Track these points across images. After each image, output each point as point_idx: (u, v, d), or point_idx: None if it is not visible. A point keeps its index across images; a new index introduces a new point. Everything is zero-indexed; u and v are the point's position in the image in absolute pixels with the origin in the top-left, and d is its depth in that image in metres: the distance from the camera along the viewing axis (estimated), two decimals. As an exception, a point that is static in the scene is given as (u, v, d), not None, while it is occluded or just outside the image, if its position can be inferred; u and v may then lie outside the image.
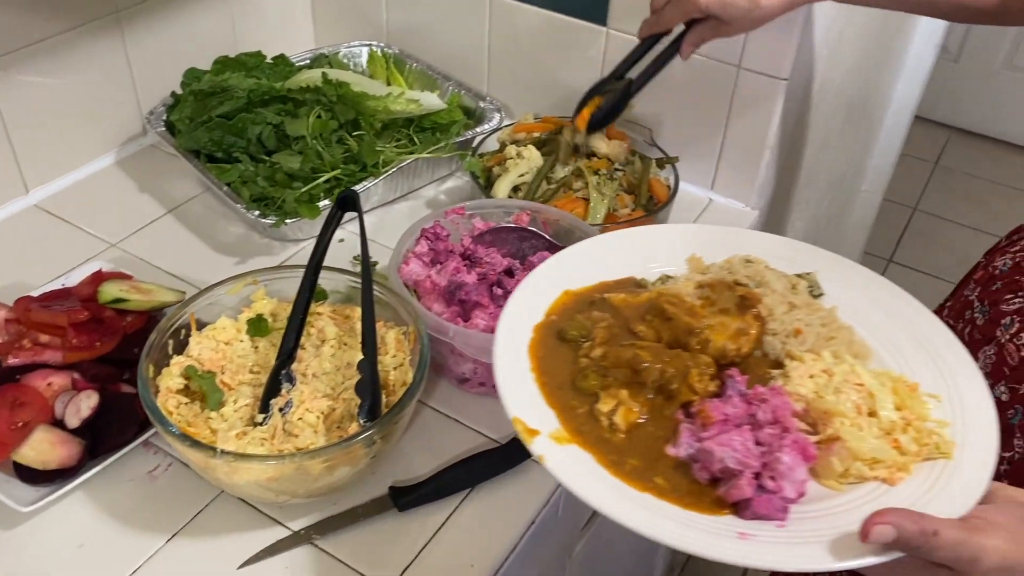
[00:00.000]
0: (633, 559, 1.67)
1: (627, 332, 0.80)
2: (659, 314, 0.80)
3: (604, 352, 0.76)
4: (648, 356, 0.75)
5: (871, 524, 0.58)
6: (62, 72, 1.23)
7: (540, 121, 1.33)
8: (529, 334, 0.79)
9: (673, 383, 0.73)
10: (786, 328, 0.80)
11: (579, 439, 0.71)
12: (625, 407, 0.72)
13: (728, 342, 0.77)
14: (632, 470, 0.68)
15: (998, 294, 0.87)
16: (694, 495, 0.67)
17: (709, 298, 0.81)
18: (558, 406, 0.73)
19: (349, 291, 1.00)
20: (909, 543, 0.58)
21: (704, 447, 0.68)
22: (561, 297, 0.84)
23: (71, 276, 1.08)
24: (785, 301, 0.82)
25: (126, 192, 1.30)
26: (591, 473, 0.68)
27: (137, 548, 0.85)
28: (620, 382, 0.74)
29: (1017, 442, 0.80)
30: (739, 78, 1.22)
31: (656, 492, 0.67)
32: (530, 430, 0.70)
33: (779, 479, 0.66)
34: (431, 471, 0.92)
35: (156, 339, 0.89)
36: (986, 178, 3.55)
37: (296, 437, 0.86)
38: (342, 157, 1.21)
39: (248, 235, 1.23)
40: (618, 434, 0.71)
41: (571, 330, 0.80)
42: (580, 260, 0.88)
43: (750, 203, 1.33)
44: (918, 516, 0.58)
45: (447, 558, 0.86)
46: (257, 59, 1.35)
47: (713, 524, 0.65)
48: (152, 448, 0.93)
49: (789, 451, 0.67)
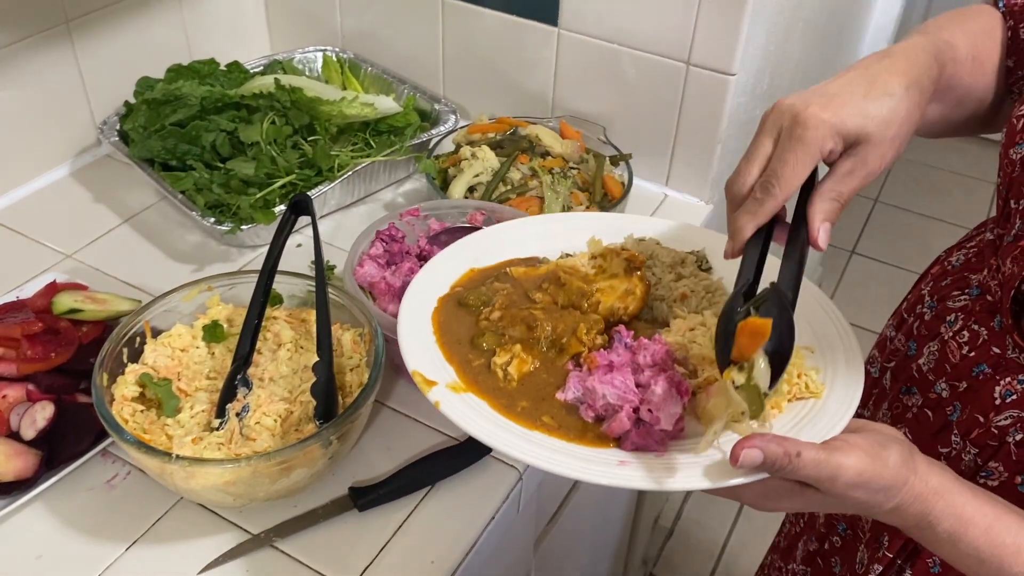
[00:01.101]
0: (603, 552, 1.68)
1: (525, 299, 0.85)
2: (555, 281, 0.86)
3: (501, 315, 0.82)
4: (542, 315, 0.81)
5: (740, 448, 0.63)
6: (12, 84, 1.23)
7: (495, 122, 1.34)
8: (433, 303, 0.85)
9: (564, 337, 0.79)
10: (673, 294, 0.87)
11: (474, 388, 0.76)
12: (519, 359, 0.78)
13: (616, 302, 0.83)
14: (522, 411, 0.74)
15: (946, 290, 0.89)
16: (579, 431, 0.73)
17: (601, 266, 0.88)
18: (456, 360, 0.79)
19: (306, 295, 1.01)
20: (775, 464, 0.63)
21: (587, 386, 0.74)
22: (467, 273, 0.89)
23: (25, 288, 1.08)
24: (674, 272, 0.89)
25: (81, 203, 1.29)
26: (484, 416, 0.73)
27: (96, 557, 0.85)
28: (515, 339, 0.80)
29: (955, 439, 0.81)
30: (688, 75, 1.24)
31: (544, 430, 0.73)
32: (428, 381, 0.74)
33: (655, 410, 0.71)
34: (391, 471, 0.92)
35: (110, 348, 0.89)
36: (947, 169, 3.61)
37: (253, 441, 0.86)
38: (297, 162, 1.22)
39: (205, 242, 1.23)
40: (511, 383, 0.77)
41: (471, 297, 0.85)
42: (487, 242, 0.93)
43: (704, 197, 1.35)
44: (782, 440, 0.63)
45: (408, 556, 0.86)
46: (210, 67, 1.35)
47: (596, 455, 0.71)
48: (110, 457, 0.93)
49: (662, 383, 0.72)
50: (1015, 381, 0.77)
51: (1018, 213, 0.78)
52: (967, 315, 0.84)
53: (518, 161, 1.26)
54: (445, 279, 0.88)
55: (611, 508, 1.59)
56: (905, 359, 0.91)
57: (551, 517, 1.22)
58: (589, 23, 1.28)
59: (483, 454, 0.94)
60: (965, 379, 0.81)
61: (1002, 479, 0.77)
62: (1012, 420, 0.76)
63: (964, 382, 0.81)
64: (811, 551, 1.03)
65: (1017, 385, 0.77)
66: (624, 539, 1.82)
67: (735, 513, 2.27)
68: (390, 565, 0.85)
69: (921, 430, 0.86)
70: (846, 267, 3.11)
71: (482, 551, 0.91)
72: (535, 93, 1.39)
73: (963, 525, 0.65)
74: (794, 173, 0.67)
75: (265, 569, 0.85)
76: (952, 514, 0.65)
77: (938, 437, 0.83)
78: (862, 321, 2.83)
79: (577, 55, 1.31)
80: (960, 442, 0.81)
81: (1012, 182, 0.79)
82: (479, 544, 0.89)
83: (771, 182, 0.68)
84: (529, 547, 1.17)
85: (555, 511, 1.23)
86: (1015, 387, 0.77)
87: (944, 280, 0.90)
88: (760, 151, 0.69)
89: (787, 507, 0.70)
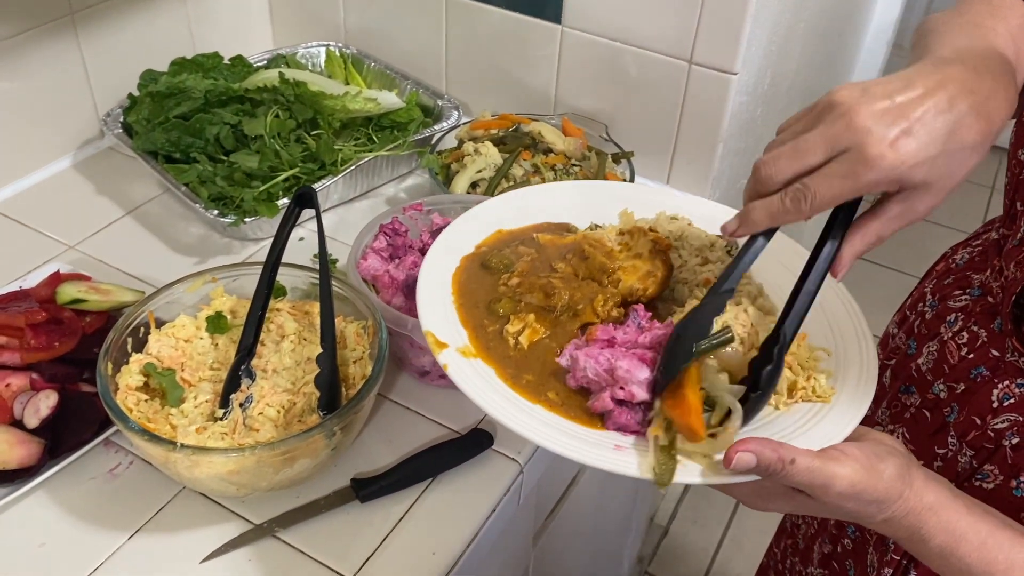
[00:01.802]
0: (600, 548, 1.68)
1: (547, 267, 0.84)
2: (578, 253, 0.85)
3: (520, 281, 0.82)
4: (560, 284, 0.81)
5: (734, 451, 0.63)
6: (17, 75, 1.23)
7: (497, 118, 1.35)
8: (456, 262, 0.84)
9: (580, 304, 0.79)
10: (696, 278, 0.86)
11: (484, 354, 0.76)
12: (531, 329, 0.78)
13: (636, 282, 0.82)
14: (527, 384, 0.74)
15: (948, 289, 0.88)
16: (581, 411, 0.73)
17: (627, 244, 0.86)
18: (471, 325, 0.78)
19: (309, 287, 1.01)
20: (768, 469, 0.63)
21: (573, 354, 0.74)
22: (494, 234, 0.88)
23: (28, 278, 1.08)
24: (700, 256, 0.88)
25: (84, 194, 1.30)
26: (489, 384, 0.73)
27: (99, 546, 0.85)
28: (531, 307, 0.80)
29: (951, 441, 0.81)
30: (691, 73, 1.25)
31: (547, 405, 0.73)
32: (440, 343, 0.74)
33: (625, 385, 0.70)
34: (392, 463, 0.93)
35: (114, 337, 0.90)
36: (942, 172, 3.61)
37: (257, 431, 0.87)
38: (300, 156, 1.22)
39: (208, 235, 1.23)
40: (520, 351, 0.77)
41: (493, 260, 0.84)
42: (521, 203, 0.92)
43: (705, 196, 1.35)
44: (777, 445, 0.63)
45: (409, 547, 0.87)
46: (214, 60, 1.36)
47: (594, 436, 0.70)
48: (113, 447, 0.94)
49: (625, 359, 0.72)
50: (1013, 385, 0.77)
51: (1020, 214, 0.78)
52: (967, 316, 0.83)
53: (521, 157, 1.26)
54: (471, 238, 0.87)
55: (608, 505, 1.60)
56: (905, 358, 0.92)
57: (550, 512, 1.23)
58: (592, 21, 1.28)
59: (484, 447, 0.95)
60: (963, 381, 0.81)
61: (997, 482, 0.77)
62: (1009, 424, 0.76)
63: (962, 384, 0.81)
64: (826, 553, 1.03)
65: (1015, 389, 0.76)
66: (620, 537, 1.82)
67: (730, 513, 2.28)
68: (391, 556, 0.86)
69: (919, 430, 0.86)
70: (843, 269, 3.12)
71: (483, 544, 0.91)
72: (538, 90, 1.40)
73: (955, 540, 0.65)
74: (832, 202, 0.63)
75: (267, 559, 0.85)
76: (945, 529, 0.65)
77: (935, 438, 0.84)
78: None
79: (580, 53, 1.32)
80: (957, 444, 0.81)
81: (1019, 184, 0.79)
82: (480, 536, 0.90)
83: (805, 199, 0.63)
84: (528, 541, 1.18)
85: (554, 506, 1.24)
86: (1013, 391, 0.77)
87: (947, 278, 0.90)
88: (809, 157, 0.63)
89: (779, 508, 0.70)
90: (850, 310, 0.81)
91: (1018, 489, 0.76)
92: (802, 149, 0.63)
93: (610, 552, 1.80)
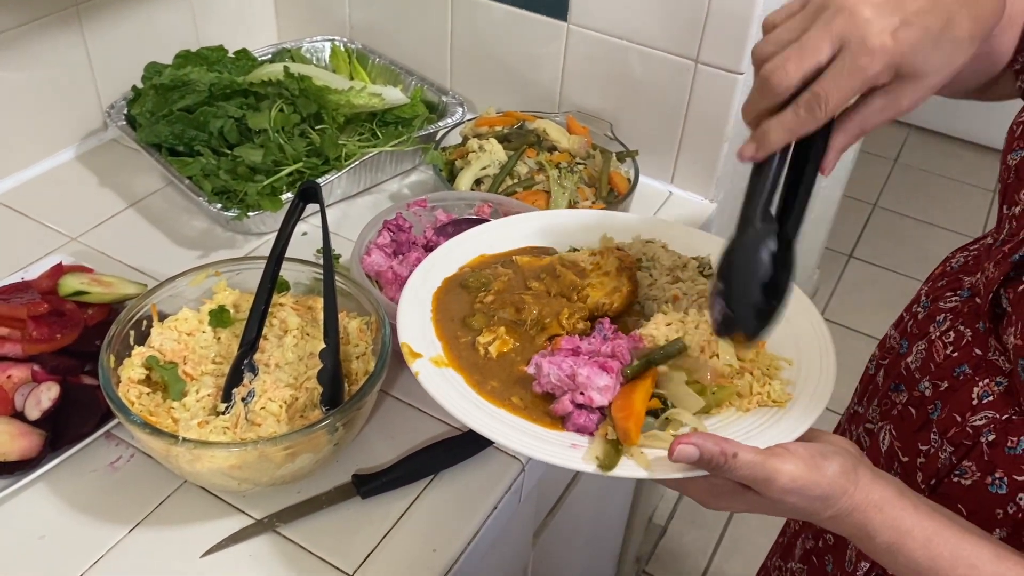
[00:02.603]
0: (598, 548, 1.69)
1: (522, 286, 0.89)
2: (551, 272, 0.90)
3: (494, 298, 0.87)
4: (531, 300, 0.86)
5: (677, 443, 0.66)
6: (21, 66, 1.23)
7: (502, 115, 1.35)
8: (438, 283, 0.90)
9: (547, 319, 0.85)
10: (666, 295, 0.90)
11: (455, 364, 0.81)
12: (500, 340, 0.83)
13: (603, 297, 0.88)
14: (491, 389, 0.79)
15: (941, 291, 0.89)
16: (543, 414, 0.78)
17: (598, 264, 0.92)
18: (445, 337, 0.84)
19: (312, 283, 1.01)
20: (711, 462, 0.65)
21: (538, 362, 0.79)
22: (477, 258, 0.94)
23: (30, 270, 1.08)
24: (671, 275, 0.93)
25: (87, 186, 1.29)
26: (456, 389, 0.78)
27: (99, 538, 0.85)
28: (503, 321, 0.85)
29: (933, 437, 0.82)
30: (696, 72, 1.24)
31: (511, 409, 0.78)
32: (414, 353, 0.80)
33: (585, 391, 0.75)
34: (394, 459, 0.93)
35: (117, 330, 0.90)
36: (945, 175, 3.62)
37: (259, 426, 0.87)
38: (304, 150, 1.22)
39: (211, 229, 1.23)
40: (490, 360, 0.82)
41: (472, 280, 0.90)
42: (504, 230, 0.97)
43: (709, 196, 1.36)
44: (720, 440, 0.65)
45: (410, 544, 0.87)
46: (219, 53, 1.35)
47: (552, 436, 0.75)
48: (114, 440, 0.93)
49: (586, 367, 0.76)
50: (992, 383, 0.77)
51: (1008, 218, 0.79)
52: (955, 316, 0.84)
53: (525, 155, 1.26)
54: (455, 261, 0.92)
55: (607, 505, 1.60)
56: (897, 357, 0.93)
57: (550, 510, 1.23)
58: (598, 19, 1.28)
59: (486, 445, 0.95)
60: (947, 379, 0.82)
61: (975, 478, 0.78)
62: (987, 421, 0.77)
63: (946, 381, 0.82)
64: (808, 549, 1.04)
65: (995, 387, 0.77)
66: (619, 537, 1.82)
67: (728, 514, 2.28)
68: (392, 552, 0.86)
69: (904, 427, 0.87)
70: (843, 271, 3.12)
71: (483, 541, 0.91)
72: (543, 88, 1.39)
73: (901, 537, 0.66)
74: (844, 102, 0.63)
75: (268, 554, 0.85)
76: (891, 526, 0.66)
77: (919, 435, 0.84)
78: (858, 325, 2.84)
79: (585, 50, 1.32)
80: (938, 440, 0.81)
81: (1007, 188, 0.80)
82: (481, 534, 0.90)
83: (819, 105, 0.62)
84: (528, 539, 1.18)
85: (554, 504, 1.23)
86: (992, 388, 0.77)
87: (941, 281, 0.91)
88: (815, 56, 0.62)
89: (730, 506, 0.71)
90: (814, 322, 0.86)
91: (993, 485, 0.76)
92: (809, 47, 0.62)
93: (609, 552, 1.80)
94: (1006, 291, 0.75)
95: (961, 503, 0.77)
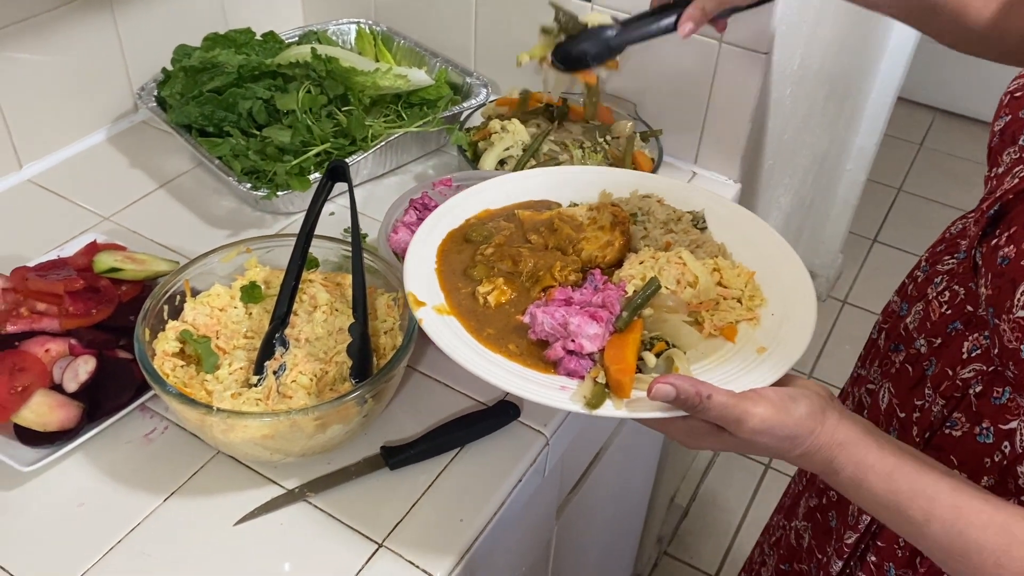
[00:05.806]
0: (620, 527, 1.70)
1: (522, 239, 0.95)
2: (549, 226, 0.95)
3: (494, 251, 0.92)
4: (528, 253, 0.91)
5: (656, 382, 0.71)
6: (53, 49, 1.25)
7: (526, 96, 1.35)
8: (442, 236, 0.95)
9: (541, 271, 0.89)
10: (658, 245, 0.95)
11: (456, 312, 0.87)
12: (499, 290, 0.88)
13: (596, 251, 0.92)
14: (488, 336, 0.85)
15: (939, 255, 0.93)
16: (536, 360, 0.83)
17: (595, 218, 0.96)
18: (447, 288, 0.89)
19: (340, 260, 1.03)
20: (687, 402, 0.70)
21: (533, 312, 0.85)
22: (481, 212, 0.99)
23: (66, 248, 1.10)
24: (665, 227, 0.98)
25: (118, 167, 1.32)
26: (456, 336, 0.83)
27: (136, 507, 0.88)
28: (502, 273, 0.90)
29: (927, 392, 0.85)
30: (721, 52, 1.25)
31: (507, 355, 0.83)
32: (418, 301, 0.85)
33: (576, 338, 0.81)
34: (421, 432, 0.94)
35: (152, 304, 0.92)
36: (970, 159, 3.58)
37: (290, 399, 0.89)
38: (332, 131, 1.23)
39: (240, 208, 1.25)
40: (488, 309, 0.87)
41: (474, 233, 0.95)
42: (507, 185, 1.02)
43: (732, 176, 1.36)
44: (696, 382, 0.70)
45: (437, 514, 0.88)
46: (247, 36, 1.37)
47: (544, 379, 0.81)
48: (148, 412, 0.96)
49: (577, 316, 0.82)
50: (981, 337, 0.80)
51: (990, 179, 0.82)
52: (951, 277, 0.87)
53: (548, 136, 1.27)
54: (460, 215, 0.98)
55: (629, 484, 1.61)
56: (897, 319, 0.96)
57: (573, 486, 1.24)
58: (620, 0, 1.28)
59: (512, 418, 0.96)
60: (940, 335, 0.85)
61: (964, 429, 0.81)
62: (975, 373, 0.80)
63: (939, 338, 0.85)
64: (811, 507, 1.06)
65: (982, 340, 0.80)
66: (641, 517, 1.84)
67: (750, 495, 2.29)
68: (420, 522, 0.88)
69: (901, 384, 0.90)
70: (867, 255, 3.11)
71: (508, 514, 0.93)
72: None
73: (864, 472, 0.70)
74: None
75: (299, 523, 0.87)
76: (854, 462, 0.70)
77: (914, 391, 0.88)
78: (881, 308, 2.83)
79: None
80: (932, 394, 0.85)
81: (991, 151, 0.84)
82: (506, 506, 0.91)
83: None
84: (552, 514, 1.19)
85: (577, 481, 1.25)
86: (980, 342, 0.80)
87: (940, 246, 0.93)
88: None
89: (709, 446, 0.75)
90: (798, 275, 0.90)
91: (981, 435, 0.79)
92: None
93: (631, 531, 1.82)
94: (980, 246, 0.78)
95: (953, 454, 0.81)
